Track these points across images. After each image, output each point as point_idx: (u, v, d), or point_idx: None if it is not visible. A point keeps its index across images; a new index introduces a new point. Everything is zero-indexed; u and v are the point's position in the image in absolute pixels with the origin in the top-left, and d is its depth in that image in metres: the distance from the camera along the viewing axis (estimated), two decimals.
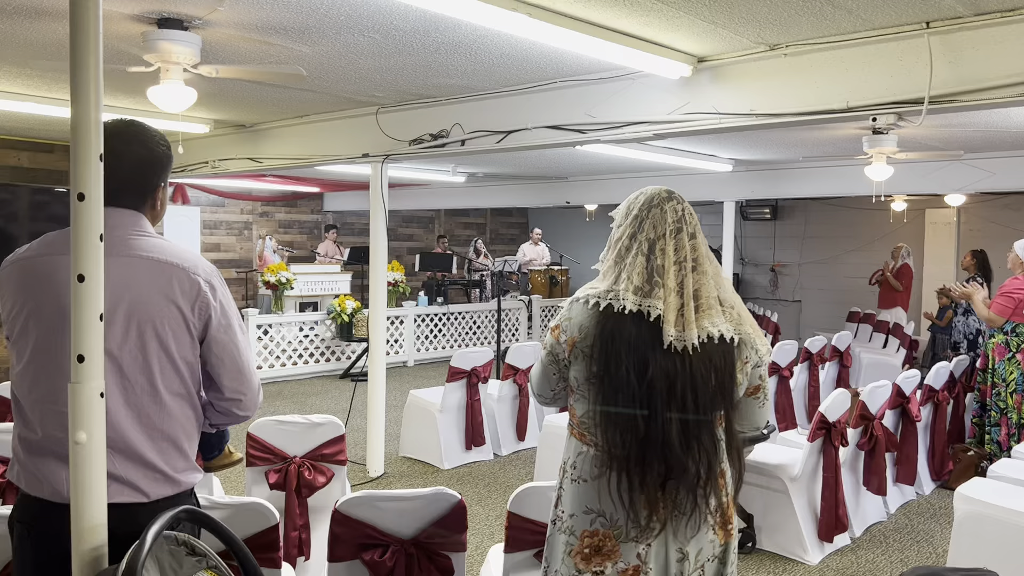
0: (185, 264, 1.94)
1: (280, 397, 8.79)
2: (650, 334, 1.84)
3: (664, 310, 1.84)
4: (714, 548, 1.94)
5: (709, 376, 1.85)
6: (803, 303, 13.98)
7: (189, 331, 1.93)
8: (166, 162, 2.07)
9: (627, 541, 1.87)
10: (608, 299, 1.88)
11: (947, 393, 5.89)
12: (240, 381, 2.02)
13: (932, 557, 4.49)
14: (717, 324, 1.87)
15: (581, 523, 1.92)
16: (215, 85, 5.01)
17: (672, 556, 1.89)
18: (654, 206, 1.95)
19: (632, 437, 1.83)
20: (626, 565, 1.88)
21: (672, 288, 1.86)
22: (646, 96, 4.43)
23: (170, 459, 1.94)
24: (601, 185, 10.31)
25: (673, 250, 1.89)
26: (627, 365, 1.82)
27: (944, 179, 7.81)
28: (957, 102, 3.45)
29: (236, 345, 2.01)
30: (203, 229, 12.74)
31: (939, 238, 12.36)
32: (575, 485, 1.95)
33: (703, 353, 1.84)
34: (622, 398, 1.83)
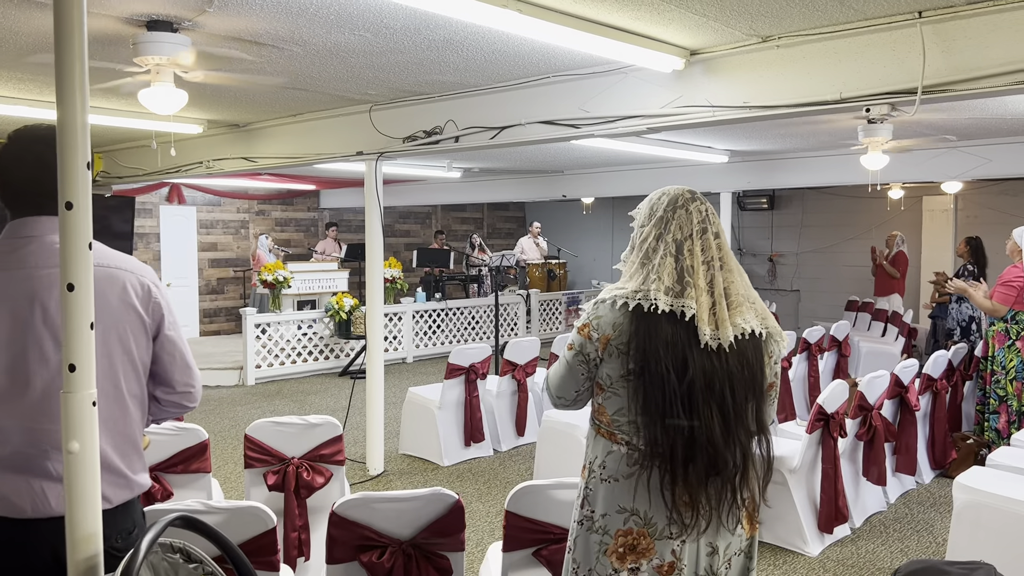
0: (133, 269, 2.01)
1: (279, 396, 8.79)
2: (686, 333, 1.86)
3: (697, 309, 1.87)
4: (741, 542, 1.96)
5: (744, 372, 1.89)
6: (801, 292, 13.99)
7: (146, 333, 2.00)
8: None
9: (662, 539, 1.90)
10: (638, 299, 1.90)
11: (946, 382, 5.89)
12: (188, 375, 2.10)
13: (932, 546, 4.50)
14: (748, 320, 1.91)
15: (615, 522, 1.94)
16: (207, 86, 4.99)
17: (703, 551, 1.91)
18: (679, 207, 1.96)
19: (676, 435, 1.85)
20: (661, 561, 1.90)
21: (703, 287, 1.89)
22: (639, 90, 4.42)
23: (131, 462, 1.98)
24: (597, 178, 10.30)
25: (700, 250, 1.92)
26: (666, 364, 1.84)
27: (940, 167, 7.80)
28: (951, 91, 3.44)
29: (182, 340, 2.10)
30: (199, 228, 12.73)
31: (936, 225, 12.36)
32: (606, 484, 1.96)
33: (738, 349, 1.89)
34: (663, 396, 1.85)
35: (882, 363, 8.26)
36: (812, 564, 4.25)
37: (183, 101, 3.78)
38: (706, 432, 1.84)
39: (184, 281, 12.54)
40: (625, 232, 10.24)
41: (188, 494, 3.56)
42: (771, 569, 4.18)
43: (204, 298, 12.84)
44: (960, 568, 1.90)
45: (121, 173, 7.86)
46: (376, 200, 5.72)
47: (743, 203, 14.13)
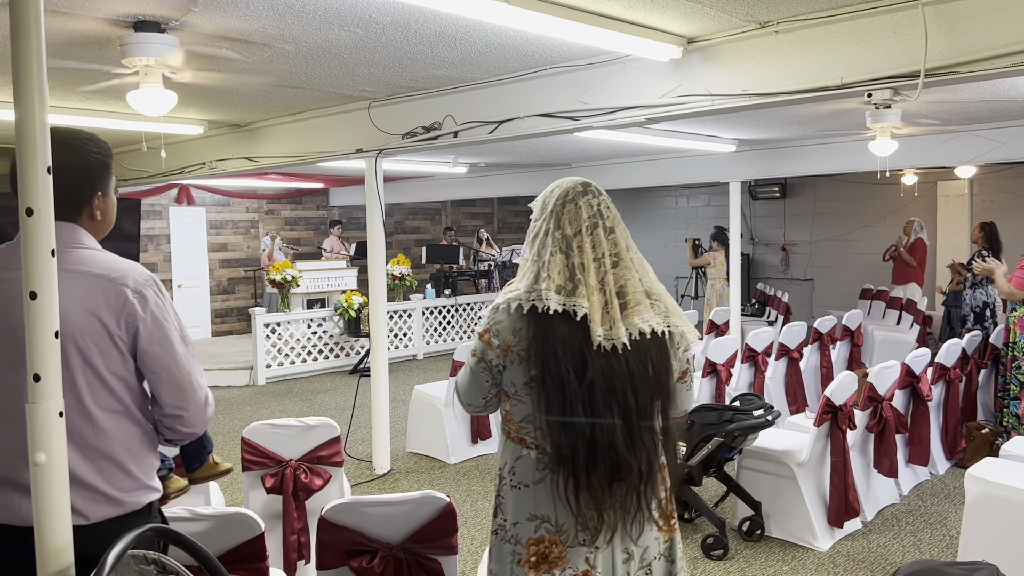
0: (113, 275, 1.86)
1: (289, 395, 8.79)
2: (581, 332, 1.78)
3: (589, 309, 1.78)
4: (659, 545, 1.89)
5: (647, 372, 1.80)
6: (815, 282, 13.84)
7: (116, 345, 1.85)
8: (101, 170, 1.97)
9: (574, 546, 1.82)
10: (532, 300, 1.81)
11: (960, 370, 5.78)
12: (180, 396, 1.92)
13: (946, 539, 4.41)
14: (647, 319, 1.81)
15: (526, 530, 1.86)
16: (204, 86, 4.96)
17: (618, 557, 1.84)
18: (568, 201, 1.87)
19: (577, 439, 1.77)
20: (575, 571, 1.82)
21: (594, 286, 1.80)
22: (637, 80, 4.34)
23: (112, 479, 1.87)
24: (604, 170, 10.21)
25: (591, 246, 1.83)
26: (565, 364, 1.76)
27: (952, 151, 7.65)
28: (954, 74, 3.34)
29: (174, 358, 1.90)
30: (209, 229, 12.75)
31: (951, 211, 12.18)
32: (516, 491, 1.88)
33: (638, 349, 1.79)
34: (564, 399, 1.77)
35: (897, 352, 8.14)
36: (822, 559, 4.17)
37: (172, 102, 3.74)
38: (607, 435, 1.76)
39: (195, 282, 12.57)
40: (636, 224, 10.37)
41: (186, 499, 3.52)
42: (780, 565, 4.11)
43: (215, 298, 12.87)
44: (961, 569, 1.83)
45: (126, 176, 7.87)
46: (377, 197, 5.67)
47: (755, 192, 13.99)
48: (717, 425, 4.20)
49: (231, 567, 2.42)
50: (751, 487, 4.51)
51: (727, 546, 4.20)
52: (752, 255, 14.40)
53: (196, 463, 2.53)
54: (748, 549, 4.31)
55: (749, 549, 4.31)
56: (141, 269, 1.94)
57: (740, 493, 4.49)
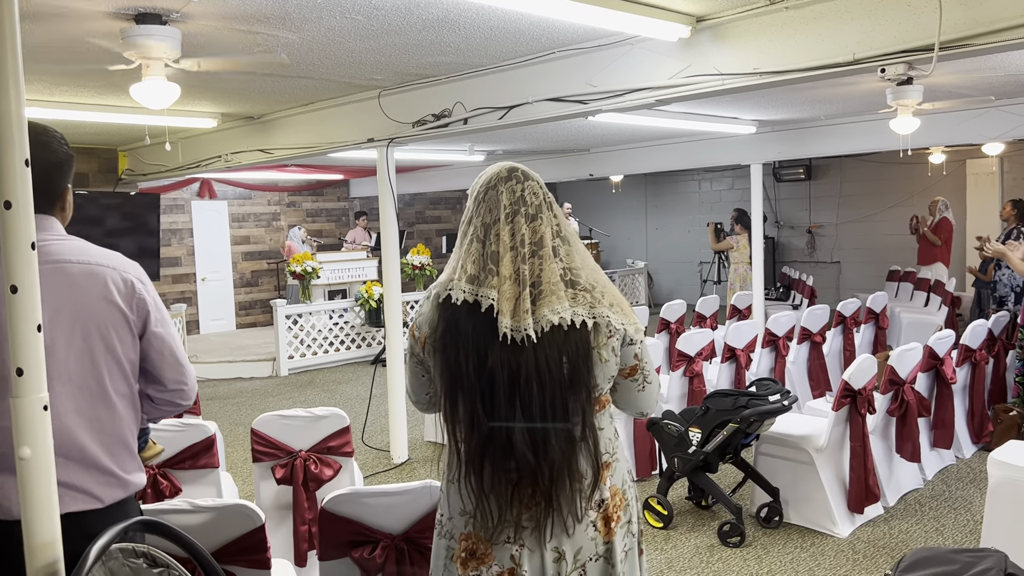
0: (114, 264, 1.97)
1: (312, 386, 8.83)
2: (487, 325, 1.70)
3: (498, 299, 1.70)
4: (596, 546, 1.79)
5: (560, 366, 1.70)
6: (842, 264, 13.63)
7: (131, 330, 1.96)
8: (70, 163, 2.04)
9: (499, 543, 1.76)
10: (448, 289, 1.76)
11: (986, 352, 5.65)
12: (180, 372, 2.06)
13: (970, 525, 4.31)
14: (558, 311, 1.70)
15: (458, 525, 1.82)
16: (212, 78, 4.96)
17: (548, 556, 1.76)
18: (491, 187, 1.80)
19: (477, 435, 1.71)
20: (500, 568, 1.76)
21: (507, 275, 1.72)
22: (646, 61, 4.26)
23: (122, 461, 1.95)
24: (623, 155, 10.11)
25: (509, 235, 1.74)
26: (463, 358, 1.70)
27: (979, 128, 7.46)
28: (970, 46, 3.23)
29: (172, 337, 2.05)
30: (231, 222, 12.84)
31: (981, 189, 11.90)
32: (451, 486, 1.84)
33: (550, 342, 1.70)
34: (463, 395, 1.71)
35: (924, 334, 7.95)
36: (841, 545, 4.10)
37: (175, 95, 3.74)
38: (506, 432, 1.69)
39: (218, 275, 12.68)
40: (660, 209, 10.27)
41: (197, 490, 3.55)
42: (798, 552, 4.04)
43: (239, 291, 12.98)
44: (968, 556, 1.77)
45: (145, 170, 7.93)
46: (389, 187, 5.65)
47: (779, 175, 13.79)
48: (732, 411, 4.13)
49: (232, 559, 2.42)
50: (769, 473, 4.44)
51: (744, 533, 4.14)
52: (777, 238, 14.22)
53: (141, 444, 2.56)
54: (766, 536, 4.25)
55: (767, 536, 4.24)
56: (128, 259, 2.05)
57: (758, 479, 4.43)
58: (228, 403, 8.11)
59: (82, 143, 7.88)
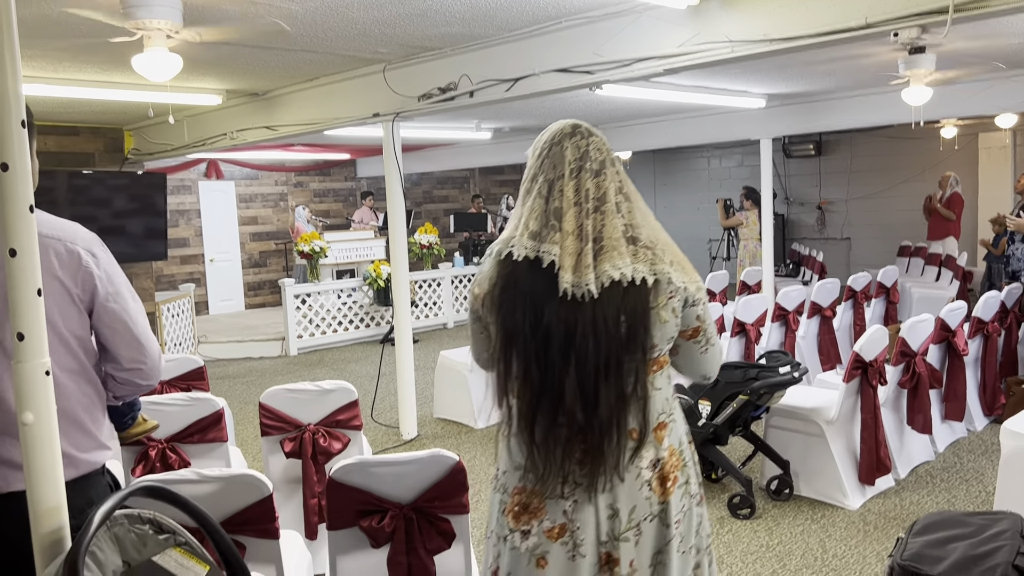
0: (61, 235, 1.87)
1: (321, 365, 8.85)
2: (546, 281, 1.69)
3: (560, 255, 1.69)
4: (651, 506, 1.77)
5: (617, 323, 1.69)
6: (852, 240, 13.54)
7: (75, 304, 1.87)
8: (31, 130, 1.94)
9: (552, 497, 1.76)
10: (510, 247, 1.75)
11: (998, 324, 5.60)
12: (137, 349, 1.96)
13: (982, 496, 4.29)
14: (620, 266, 1.69)
15: (512, 480, 1.83)
16: (215, 53, 4.91)
17: (603, 513, 1.75)
18: (555, 143, 1.79)
19: (530, 390, 1.71)
20: (552, 523, 1.76)
21: (570, 231, 1.70)
22: (654, 30, 4.20)
23: (72, 439, 1.87)
24: (632, 131, 10.02)
25: (573, 191, 1.73)
26: (521, 316, 1.69)
27: (992, 99, 7.35)
28: (986, 7, 3.16)
29: (128, 313, 1.95)
30: (239, 203, 12.83)
31: (994, 163, 11.77)
32: (506, 440, 1.86)
33: (609, 299, 1.68)
34: (518, 351, 1.71)
35: (935, 308, 7.85)
36: (852, 517, 4.08)
37: (178, 67, 3.70)
38: (558, 387, 1.68)
39: (227, 255, 12.69)
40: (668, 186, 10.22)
41: (205, 463, 3.55)
42: (809, 524, 4.03)
43: (247, 271, 12.98)
44: (982, 518, 1.74)
45: (151, 150, 7.90)
46: (395, 162, 5.61)
47: (789, 150, 13.67)
48: (742, 383, 4.11)
49: (241, 528, 2.41)
50: (779, 446, 4.42)
51: (754, 505, 4.13)
52: (787, 215, 14.12)
53: (129, 420, 2.54)
54: (776, 508, 4.23)
55: (777, 508, 4.23)
56: (84, 229, 1.94)
57: (768, 452, 4.40)
58: (237, 382, 8.13)
59: (87, 122, 7.85)
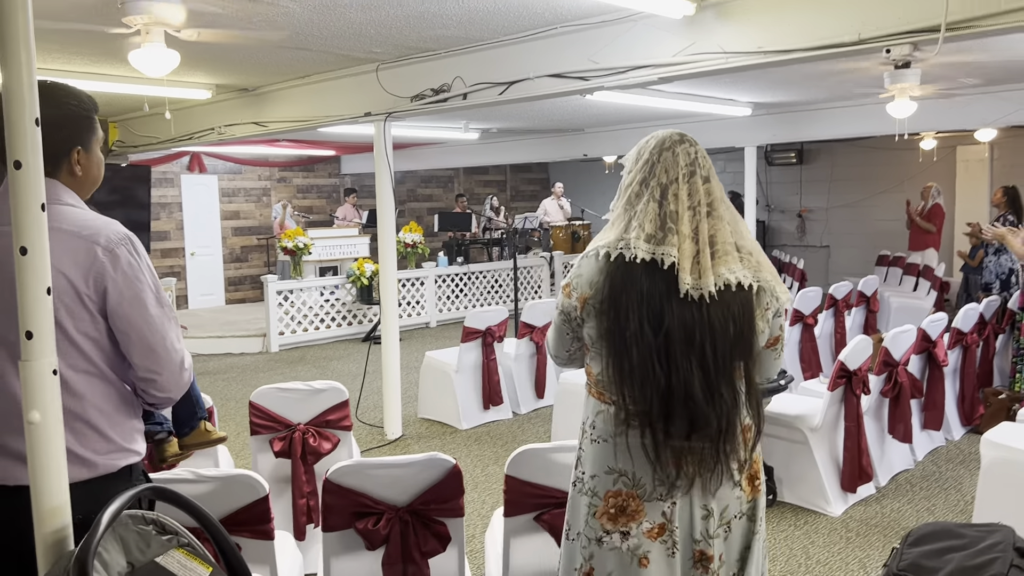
0: (84, 232, 1.80)
1: (303, 362, 8.81)
2: (665, 283, 1.76)
3: (679, 257, 1.76)
4: (741, 504, 1.87)
5: (727, 325, 1.77)
6: (832, 248, 13.69)
7: (84, 304, 1.80)
8: (80, 122, 1.91)
9: (651, 500, 1.83)
10: (619, 248, 1.80)
11: (977, 336, 5.70)
12: (151, 359, 1.86)
13: (960, 504, 4.37)
14: (734, 271, 1.78)
15: (604, 483, 1.88)
16: (208, 48, 4.89)
17: (697, 513, 1.83)
18: (665, 149, 1.85)
19: (653, 391, 1.75)
20: (652, 524, 1.83)
21: (687, 234, 1.77)
22: (649, 38, 4.24)
23: (85, 441, 1.83)
24: (617, 135, 10.08)
25: (687, 195, 1.80)
26: (640, 317, 1.75)
27: (972, 114, 7.49)
28: (976, 27, 3.23)
29: (145, 319, 1.84)
30: (221, 197, 12.73)
31: (972, 175, 11.96)
32: (595, 445, 1.90)
33: (721, 301, 1.76)
34: (637, 352, 1.75)
35: (913, 318, 8.00)
36: (835, 524, 4.14)
37: (175, 62, 3.68)
38: (684, 387, 1.74)
39: (208, 250, 12.59)
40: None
41: (194, 462, 3.53)
42: (792, 530, 4.08)
43: (229, 266, 12.89)
44: (976, 530, 1.78)
45: (136, 142, 7.83)
46: (386, 162, 5.61)
47: (771, 158, 13.80)
48: None
49: (236, 529, 2.41)
50: (763, 452, 4.45)
51: None
52: (768, 222, 14.25)
53: (186, 428, 2.51)
54: None
55: None
56: (117, 227, 1.87)
57: None
58: (218, 378, 8.08)
59: None
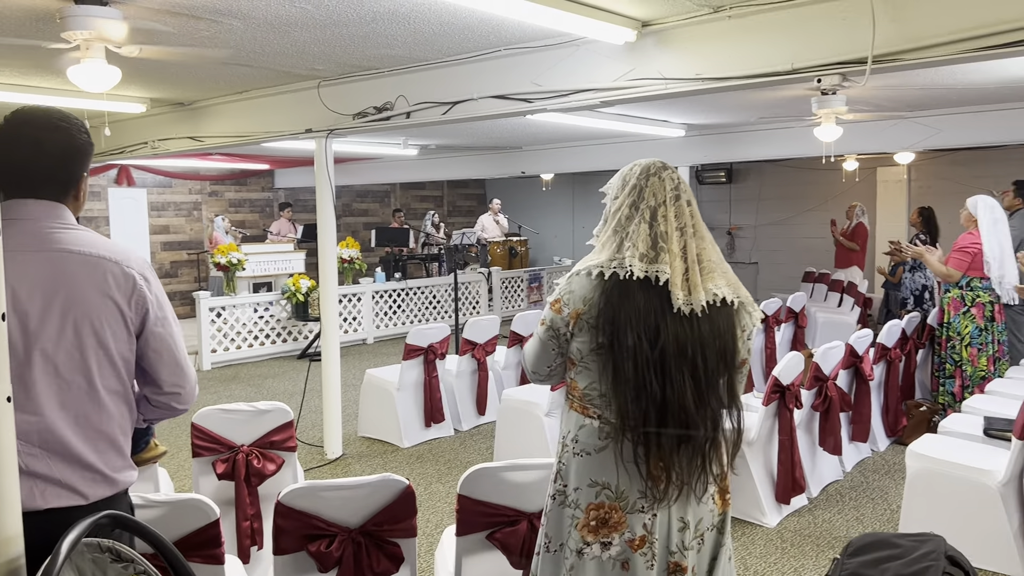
0: (117, 258, 1.90)
1: (236, 381, 8.64)
2: (659, 299, 1.86)
3: (671, 274, 1.87)
4: (713, 517, 1.96)
5: (715, 339, 1.89)
6: (760, 265, 14.11)
7: (127, 326, 1.90)
8: (88, 151, 2.02)
9: (633, 512, 1.89)
10: (613, 267, 1.90)
11: (899, 350, 5.97)
12: (178, 375, 2.00)
13: (887, 514, 4.56)
14: (720, 287, 1.90)
15: (586, 496, 1.94)
16: (147, 62, 4.80)
17: (675, 525, 1.91)
18: (652, 175, 1.97)
19: (648, 403, 1.84)
20: (633, 536, 1.90)
21: (676, 253, 1.89)
22: (592, 63, 4.34)
23: (108, 459, 1.91)
24: (555, 154, 10.23)
25: (674, 216, 1.93)
26: (638, 331, 1.84)
27: (892, 138, 7.87)
28: (900, 61, 3.42)
29: (173, 338, 1.99)
30: (150, 211, 12.42)
31: (891, 196, 12.51)
32: (578, 458, 1.96)
33: (709, 316, 1.88)
34: (634, 365, 1.84)
35: (838, 333, 8.35)
36: (770, 535, 4.28)
37: (116, 78, 3.61)
38: (678, 398, 1.84)
39: None
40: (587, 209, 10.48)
41: (135, 486, 3.44)
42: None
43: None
44: (910, 540, 1.89)
45: None
46: (327, 178, 5.59)
47: (702, 177, 14.17)
48: None
49: (187, 554, 2.37)
50: None
51: None
52: None
53: (142, 445, 2.50)
54: None
55: None
56: (139, 252, 2.03)
57: None
58: None
59: None
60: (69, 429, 1.84)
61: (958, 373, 5.80)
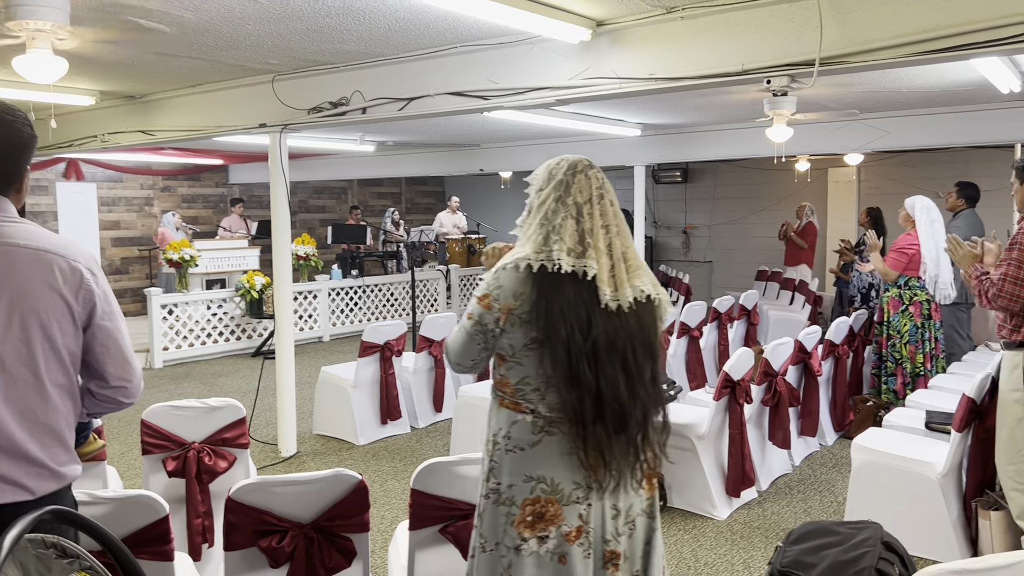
0: (64, 252, 1.90)
1: (188, 379, 8.51)
2: (588, 293, 1.90)
3: (598, 270, 1.90)
4: (642, 502, 2.01)
5: (642, 333, 1.94)
6: (714, 263, 14.31)
7: (73, 320, 1.90)
8: (32, 144, 2.01)
9: (569, 503, 1.92)
10: (541, 260, 1.92)
11: (847, 347, 6.11)
12: (125, 368, 2.01)
13: (833, 505, 4.67)
14: (645, 284, 1.96)
15: (521, 492, 1.95)
16: (95, 54, 4.71)
17: (608, 513, 1.95)
18: (578, 172, 2.01)
19: (584, 393, 1.87)
20: (569, 528, 1.92)
21: (602, 250, 1.93)
22: (547, 61, 4.37)
23: (54, 453, 1.90)
24: (513, 152, 10.26)
25: (599, 214, 1.96)
26: (571, 324, 1.87)
27: (842, 139, 8.04)
28: (846, 63, 3.50)
29: (120, 332, 2.01)
30: (100, 206, 12.13)
31: (841, 196, 12.79)
32: (511, 455, 1.97)
33: (636, 312, 1.93)
34: (568, 356, 1.88)
35: (790, 330, 8.51)
36: (720, 527, 4.36)
37: (63, 70, 3.54)
38: (611, 389, 1.88)
39: None
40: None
41: (82, 483, 3.38)
42: (681, 534, 4.27)
43: (108, 279, 12.18)
44: (848, 528, 1.96)
45: None
46: (281, 174, 5.53)
47: (658, 176, 14.32)
48: None
49: (135, 551, 2.34)
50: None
51: None
52: (655, 238, 14.77)
53: (80, 439, 2.47)
54: None
55: None
56: (85, 247, 2.01)
57: None
58: None
59: None
60: (15, 423, 1.82)
61: (899, 371, 5.95)
